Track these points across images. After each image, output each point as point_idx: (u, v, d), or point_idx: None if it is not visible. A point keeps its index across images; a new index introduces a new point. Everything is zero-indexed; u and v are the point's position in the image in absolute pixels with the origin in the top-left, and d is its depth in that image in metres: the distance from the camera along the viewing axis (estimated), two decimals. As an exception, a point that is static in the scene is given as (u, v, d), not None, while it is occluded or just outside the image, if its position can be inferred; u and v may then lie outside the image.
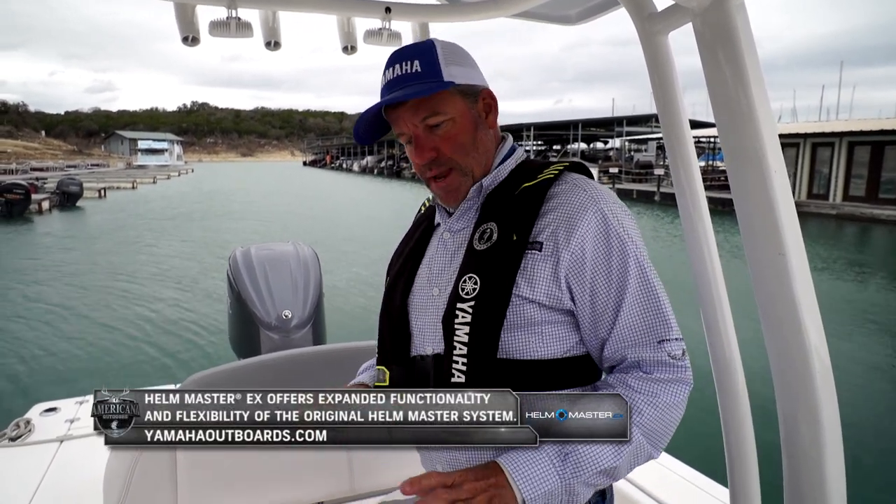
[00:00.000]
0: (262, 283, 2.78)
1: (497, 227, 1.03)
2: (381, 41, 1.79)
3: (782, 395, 1.06)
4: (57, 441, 2.56)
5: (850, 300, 10.13)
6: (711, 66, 1.03)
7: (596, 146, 56.49)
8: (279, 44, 1.74)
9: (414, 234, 1.23)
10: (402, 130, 1.09)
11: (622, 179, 32.69)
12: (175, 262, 13.75)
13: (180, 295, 10.40)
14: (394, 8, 1.75)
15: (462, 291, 1.01)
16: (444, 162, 1.07)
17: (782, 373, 1.05)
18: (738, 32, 0.99)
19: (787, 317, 1.01)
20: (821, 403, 1.00)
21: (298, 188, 43.25)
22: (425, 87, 1.03)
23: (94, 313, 9.19)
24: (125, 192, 38.05)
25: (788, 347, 1.03)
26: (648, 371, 0.97)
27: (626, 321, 0.98)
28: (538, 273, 0.99)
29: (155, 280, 11.77)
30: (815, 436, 1.02)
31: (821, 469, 1.02)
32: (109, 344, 7.80)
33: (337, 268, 12.25)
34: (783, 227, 0.98)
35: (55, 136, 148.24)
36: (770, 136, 0.98)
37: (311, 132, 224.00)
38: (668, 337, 0.97)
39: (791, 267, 0.98)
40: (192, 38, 1.65)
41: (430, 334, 1.09)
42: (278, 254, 2.90)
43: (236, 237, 16.83)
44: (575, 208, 1.00)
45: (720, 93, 1.03)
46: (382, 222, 20.48)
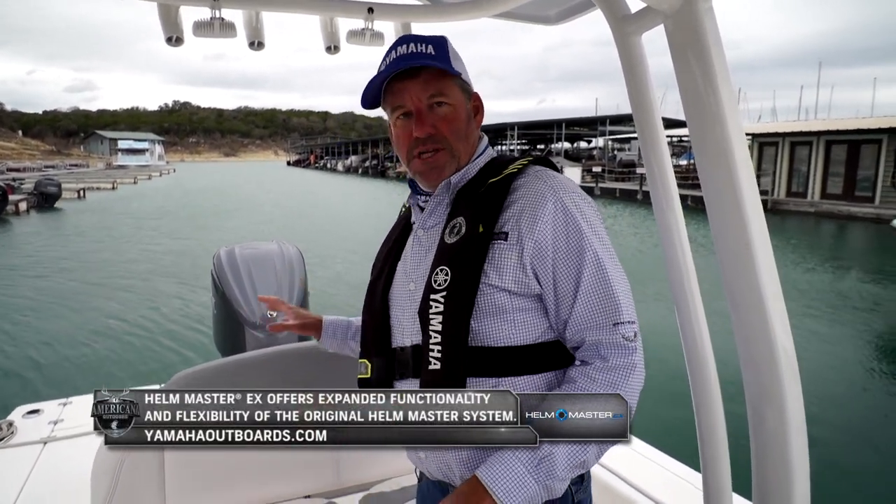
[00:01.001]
0: (246, 282, 2.78)
1: (465, 220, 1.09)
2: (363, 41, 1.82)
3: (749, 382, 1.11)
4: (40, 443, 2.55)
5: (829, 291, 10.38)
6: (682, 66, 1.07)
7: (579, 145, 56.86)
8: (263, 44, 1.76)
9: (394, 233, 1.29)
10: (402, 103, 1.12)
11: (605, 178, 32.93)
12: (163, 262, 13.65)
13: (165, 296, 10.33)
14: (376, 8, 1.77)
15: (435, 283, 1.07)
16: (438, 140, 1.12)
17: (749, 360, 1.10)
18: (706, 34, 1.03)
19: (753, 306, 1.05)
20: (785, 388, 1.05)
21: (284, 188, 43.00)
22: (442, 65, 1.09)
23: (74, 315, 9.10)
24: (105, 193, 37.54)
25: (755, 335, 1.07)
26: (605, 355, 1.01)
27: (582, 304, 1.03)
28: (505, 261, 1.04)
29: (141, 281, 11.69)
30: (781, 419, 1.07)
31: (786, 452, 1.07)
32: (97, 346, 7.76)
33: (322, 266, 12.24)
34: (749, 221, 1.03)
35: (33, 136, 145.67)
36: (737, 134, 1.03)
37: (295, 132, 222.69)
38: (621, 320, 1.02)
39: (757, 258, 1.03)
40: (175, 39, 1.67)
41: (408, 326, 1.14)
42: (263, 253, 2.90)
43: (225, 237, 16.75)
44: (536, 198, 1.05)
45: (690, 92, 1.07)
46: (368, 221, 20.49)
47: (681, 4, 1.06)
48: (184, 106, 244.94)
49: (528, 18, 2.01)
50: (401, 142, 1.15)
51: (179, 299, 9.95)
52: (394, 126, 1.17)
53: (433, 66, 1.09)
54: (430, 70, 1.10)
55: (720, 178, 1.04)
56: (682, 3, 1.06)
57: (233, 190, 40.53)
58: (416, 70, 1.10)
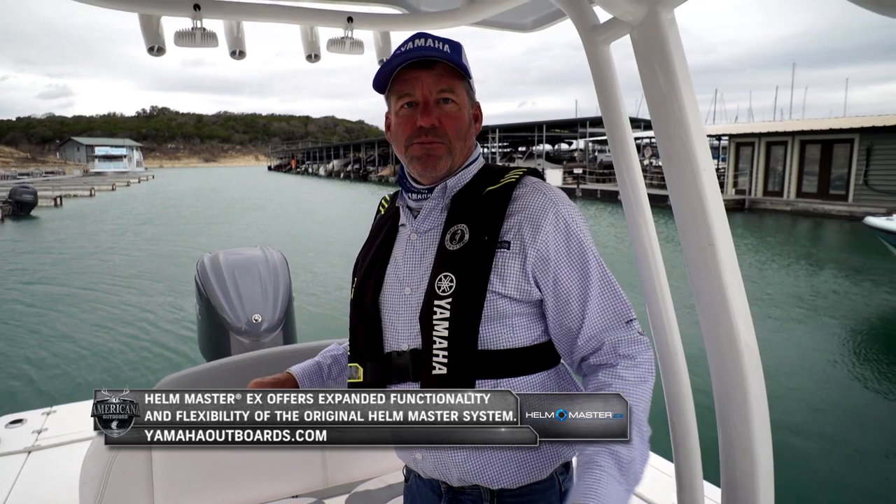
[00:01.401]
0: (231, 288, 2.79)
1: (468, 228, 1.11)
2: (343, 49, 1.86)
3: (716, 376, 1.16)
4: (24, 452, 2.54)
5: (804, 286, 10.63)
6: (646, 73, 1.13)
7: (560, 147, 57.21)
8: (244, 53, 1.79)
9: (379, 234, 1.28)
10: (411, 91, 1.14)
11: (586, 180, 33.22)
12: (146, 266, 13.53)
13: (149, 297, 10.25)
14: (356, 18, 1.82)
15: (438, 289, 1.08)
16: (440, 134, 1.13)
17: (715, 355, 1.15)
18: (669, 44, 1.10)
19: (717, 304, 1.11)
20: (749, 381, 1.11)
21: (265, 192, 42.71)
22: (457, 62, 1.12)
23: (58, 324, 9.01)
24: (83, 201, 36.95)
25: (719, 332, 1.13)
26: (629, 353, 1.06)
27: (595, 309, 1.08)
28: (508, 269, 1.08)
29: (120, 286, 11.58)
30: (745, 411, 1.13)
31: (750, 441, 1.13)
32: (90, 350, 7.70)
33: (306, 271, 12.23)
34: (712, 219, 1.09)
35: (6, 144, 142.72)
36: (699, 136, 1.09)
37: (276, 136, 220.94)
38: (632, 317, 1.09)
39: (719, 255, 1.09)
40: (157, 49, 1.69)
41: (404, 331, 1.14)
42: (247, 258, 2.91)
43: (207, 242, 16.64)
44: (537, 210, 1.10)
45: (655, 97, 1.13)
46: (352, 224, 20.48)
47: (645, 16, 1.12)
48: (162, 111, 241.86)
49: (505, 26, 2.07)
50: (401, 129, 1.16)
51: (167, 305, 9.92)
52: (395, 115, 1.18)
53: (448, 62, 1.12)
54: (444, 65, 1.13)
55: (684, 179, 1.10)
56: (646, 14, 1.12)
57: (213, 195, 40.20)
58: (431, 63, 1.12)
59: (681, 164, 1.09)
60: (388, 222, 1.28)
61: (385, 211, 1.34)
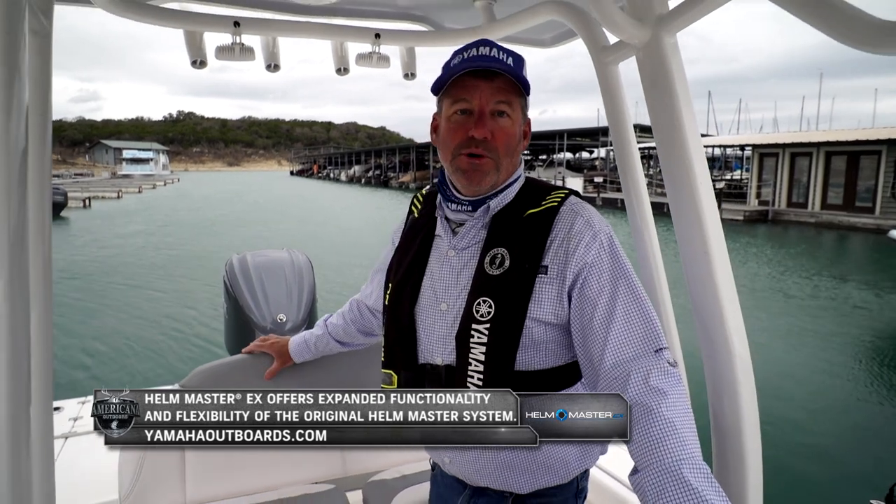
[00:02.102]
0: (257, 288, 2.89)
1: (509, 253, 1.10)
2: (371, 63, 1.98)
3: (710, 379, 1.25)
4: (61, 437, 2.68)
5: (826, 297, 10.53)
6: (650, 91, 1.23)
7: (581, 156, 57.08)
8: (279, 66, 1.93)
9: (414, 240, 1.26)
10: (468, 98, 1.11)
11: (607, 188, 33.10)
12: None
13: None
14: (383, 34, 1.94)
15: (476, 313, 1.09)
16: (490, 148, 1.11)
17: (709, 357, 1.23)
18: (671, 65, 1.19)
19: (712, 306, 1.20)
20: (739, 379, 1.18)
21: (289, 197, 43.34)
22: (519, 76, 1.10)
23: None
24: (111, 202, 37.84)
25: (714, 338, 1.20)
26: (658, 386, 0.95)
27: (619, 333, 1.01)
28: (546, 295, 1.08)
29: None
30: (736, 411, 1.20)
31: (740, 439, 1.20)
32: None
33: (330, 273, 12.47)
34: (707, 225, 1.17)
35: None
36: (696, 151, 1.18)
37: (299, 142, 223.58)
38: (662, 345, 1.00)
39: (713, 259, 1.18)
40: (200, 62, 1.83)
41: (438, 345, 1.15)
42: (273, 260, 3.02)
43: (234, 243, 17.07)
44: (574, 232, 1.09)
45: (657, 114, 1.23)
46: (375, 229, 20.75)
47: (649, 39, 1.22)
48: (188, 116, 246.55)
49: (525, 42, 2.18)
50: (451, 136, 1.13)
51: (205, 300, 10.38)
52: (447, 119, 1.14)
53: (510, 75, 1.09)
54: (504, 78, 1.10)
55: (682, 188, 1.19)
56: (650, 37, 1.21)
57: (238, 199, 40.88)
58: (493, 74, 1.09)
59: (679, 175, 1.19)
60: (423, 230, 1.26)
61: (419, 214, 1.30)
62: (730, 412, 1.22)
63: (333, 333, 1.66)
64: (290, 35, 1.85)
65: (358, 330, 1.61)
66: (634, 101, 10.97)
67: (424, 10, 2.03)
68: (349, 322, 1.61)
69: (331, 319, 1.67)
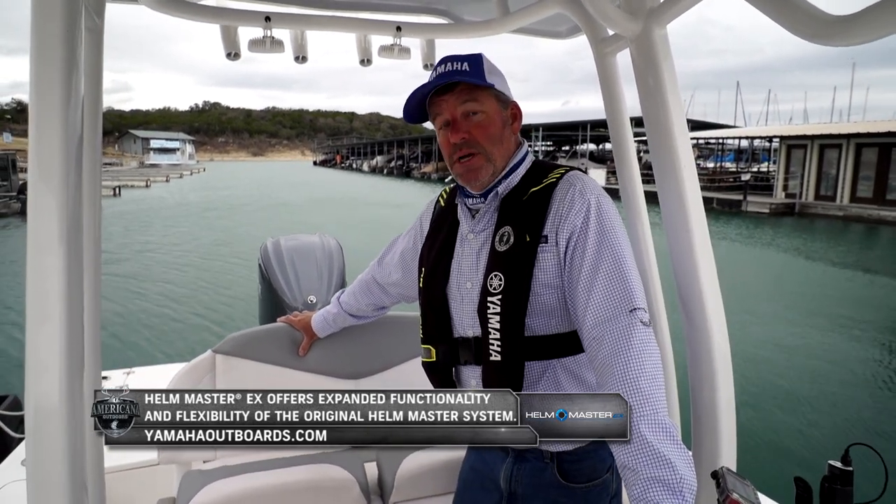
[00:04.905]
0: (290, 270, 3.03)
1: (513, 230, 1.21)
2: (392, 55, 2.12)
3: (692, 367, 1.36)
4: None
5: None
6: (641, 80, 1.35)
7: (605, 147, 56.49)
8: (306, 58, 2.07)
9: (442, 228, 1.40)
10: (441, 113, 1.25)
11: (630, 180, 32.77)
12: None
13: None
14: (404, 27, 2.06)
15: (491, 287, 1.21)
16: (472, 145, 1.23)
17: (693, 348, 1.35)
18: (659, 56, 1.30)
19: (694, 287, 1.30)
20: (716, 362, 1.30)
21: (314, 186, 43.88)
22: (473, 79, 1.22)
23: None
24: (140, 191, 38.66)
25: (697, 327, 1.31)
26: (629, 345, 1.03)
27: (599, 294, 1.10)
28: (548, 263, 1.18)
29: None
30: (713, 396, 1.32)
31: (715, 414, 1.33)
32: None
33: (359, 258, 12.80)
34: (689, 207, 1.28)
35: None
36: (681, 136, 1.29)
37: (322, 132, 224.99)
38: (636, 305, 1.07)
39: (694, 239, 1.29)
40: (234, 54, 1.99)
41: (468, 320, 1.28)
42: (305, 244, 3.15)
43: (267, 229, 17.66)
44: (569, 201, 1.18)
45: (647, 101, 1.34)
46: (400, 217, 21.01)
47: (641, 31, 1.33)
48: (213, 106, 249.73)
49: (541, 33, 2.28)
50: (444, 148, 1.28)
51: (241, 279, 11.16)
52: (438, 135, 1.30)
53: (467, 78, 1.22)
54: (464, 83, 1.22)
55: (668, 171, 1.31)
56: (641, 30, 1.33)
57: (265, 187, 41.48)
58: (453, 84, 1.23)
59: (665, 158, 1.30)
60: (448, 217, 1.40)
61: (445, 204, 1.45)
62: (707, 385, 1.33)
63: (347, 310, 1.85)
64: (317, 28, 1.98)
65: (367, 305, 1.81)
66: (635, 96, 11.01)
67: (446, 3, 2.14)
68: (360, 300, 1.80)
69: (343, 298, 1.86)
